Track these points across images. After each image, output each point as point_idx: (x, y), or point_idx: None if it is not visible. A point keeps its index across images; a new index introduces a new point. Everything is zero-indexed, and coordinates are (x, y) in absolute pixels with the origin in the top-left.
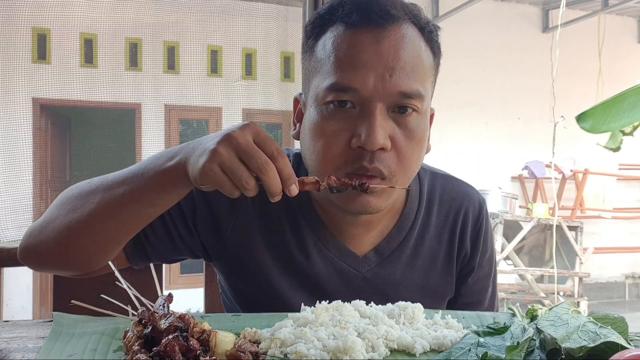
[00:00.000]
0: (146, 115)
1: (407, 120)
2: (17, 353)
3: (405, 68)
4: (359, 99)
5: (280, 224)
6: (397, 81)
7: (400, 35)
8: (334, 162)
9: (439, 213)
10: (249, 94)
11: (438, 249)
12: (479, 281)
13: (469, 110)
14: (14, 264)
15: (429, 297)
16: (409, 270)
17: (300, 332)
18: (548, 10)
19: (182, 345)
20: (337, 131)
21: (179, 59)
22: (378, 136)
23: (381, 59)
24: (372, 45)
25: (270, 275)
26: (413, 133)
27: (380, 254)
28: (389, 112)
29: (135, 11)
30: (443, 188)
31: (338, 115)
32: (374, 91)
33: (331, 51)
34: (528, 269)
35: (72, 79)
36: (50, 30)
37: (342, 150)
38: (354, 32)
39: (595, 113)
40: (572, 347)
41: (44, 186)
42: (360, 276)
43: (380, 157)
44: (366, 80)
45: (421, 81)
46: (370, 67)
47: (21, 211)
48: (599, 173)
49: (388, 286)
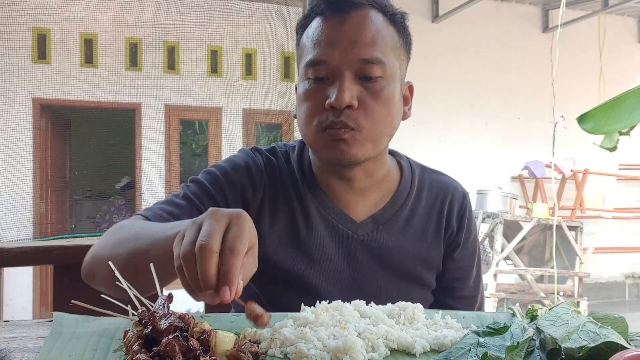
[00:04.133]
0: (146, 115)
1: (373, 85)
2: (17, 353)
3: (366, 40)
4: (330, 70)
5: (288, 192)
6: (358, 50)
7: (361, 17)
8: (313, 121)
9: (427, 197)
10: (249, 94)
11: (427, 224)
12: (465, 258)
13: (469, 110)
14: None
15: (419, 265)
16: (402, 238)
17: (300, 332)
18: (548, 10)
19: (182, 345)
20: (315, 97)
21: (179, 59)
22: (344, 95)
23: (345, 35)
24: (338, 26)
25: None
26: (379, 94)
27: (376, 221)
28: (357, 78)
29: (136, 11)
30: (431, 179)
31: (316, 86)
32: (340, 61)
33: (309, 38)
34: (528, 269)
35: (72, 79)
36: (50, 30)
37: (319, 111)
38: (324, 20)
39: (596, 114)
40: (572, 347)
41: (44, 186)
42: (357, 239)
43: (347, 113)
44: (333, 53)
45: (382, 51)
46: (337, 43)
47: (21, 211)
48: (599, 173)
49: (383, 250)
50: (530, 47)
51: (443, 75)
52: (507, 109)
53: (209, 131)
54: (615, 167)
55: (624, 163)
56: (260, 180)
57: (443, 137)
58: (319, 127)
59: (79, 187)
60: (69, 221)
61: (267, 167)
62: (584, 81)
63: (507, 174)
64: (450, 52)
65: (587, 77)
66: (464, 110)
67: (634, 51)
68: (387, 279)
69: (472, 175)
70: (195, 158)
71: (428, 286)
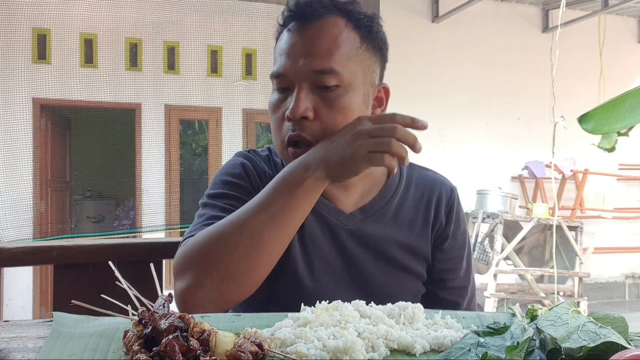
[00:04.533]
0: (146, 115)
1: (330, 94)
2: (17, 353)
3: (320, 51)
4: (288, 81)
5: None
6: (311, 62)
7: (319, 27)
8: (279, 135)
9: (415, 191)
10: (249, 94)
11: (415, 216)
12: (454, 250)
13: (468, 110)
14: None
15: (407, 253)
16: (390, 228)
17: (300, 332)
18: (548, 11)
19: (182, 345)
20: (279, 109)
21: (179, 59)
22: (298, 106)
23: (300, 47)
24: (296, 37)
25: None
26: (334, 103)
27: (365, 212)
28: (313, 89)
29: (136, 11)
30: (419, 174)
31: (281, 96)
32: (295, 73)
33: (276, 50)
34: (528, 269)
35: (72, 79)
36: (50, 31)
37: (282, 124)
38: (287, 32)
39: (597, 114)
40: (572, 347)
41: (44, 186)
42: (347, 229)
43: (304, 125)
44: (288, 65)
45: (337, 61)
46: (292, 55)
47: (21, 211)
48: (599, 173)
49: (371, 239)
50: (530, 47)
51: (443, 75)
52: (507, 109)
53: (209, 131)
54: (615, 167)
55: (624, 163)
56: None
57: (443, 137)
58: (284, 143)
59: (79, 187)
60: (69, 221)
61: (261, 170)
62: (584, 81)
63: (507, 174)
64: (450, 52)
65: (587, 77)
66: (464, 110)
67: (634, 51)
68: (376, 267)
69: (472, 175)
70: (195, 158)
71: (418, 276)
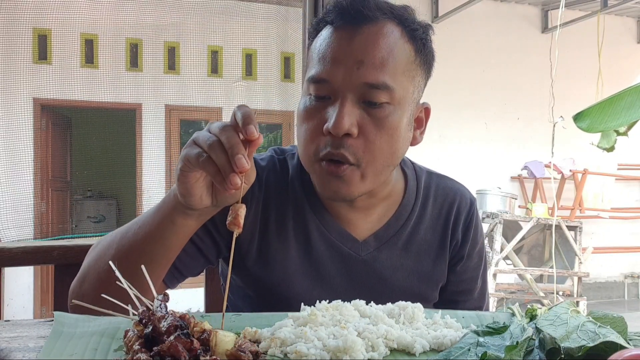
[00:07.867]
0: (146, 116)
1: (378, 111)
2: (18, 353)
3: (374, 62)
4: (331, 90)
5: (285, 209)
6: (363, 73)
7: (373, 33)
8: (311, 147)
9: (433, 207)
10: (249, 94)
11: (432, 238)
12: (469, 271)
13: (468, 110)
14: (15, 264)
15: (423, 283)
16: (405, 256)
17: (300, 331)
18: (547, 11)
19: (185, 343)
20: (314, 118)
21: (180, 60)
22: (343, 121)
23: (351, 53)
24: (346, 41)
25: (274, 262)
26: (382, 123)
27: (379, 239)
28: (360, 102)
29: (136, 12)
30: (437, 185)
31: (317, 104)
32: (343, 82)
33: (316, 49)
34: (527, 268)
35: (73, 79)
36: (51, 31)
37: (317, 136)
38: (334, 31)
39: (593, 112)
40: (571, 346)
41: (45, 186)
42: (360, 259)
43: (347, 143)
44: (336, 72)
45: (391, 74)
46: (341, 61)
47: (22, 211)
48: (598, 173)
49: (386, 270)
50: (529, 47)
51: (443, 75)
52: (507, 109)
53: None
54: (614, 167)
55: (623, 163)
56: (258, 197)
57: (443, 137)
58: (317, 155)
59: (80, 187)
60: (70, 221)
61: (264, 181)
62: (583, 81)
63: (506, 174)
64: (450, 52)
65: (586, 77)
66: (464, 110)
67: (633, 51)
68: (390, 298)
69: (472, 175)
70: None
71: (430, 301)
